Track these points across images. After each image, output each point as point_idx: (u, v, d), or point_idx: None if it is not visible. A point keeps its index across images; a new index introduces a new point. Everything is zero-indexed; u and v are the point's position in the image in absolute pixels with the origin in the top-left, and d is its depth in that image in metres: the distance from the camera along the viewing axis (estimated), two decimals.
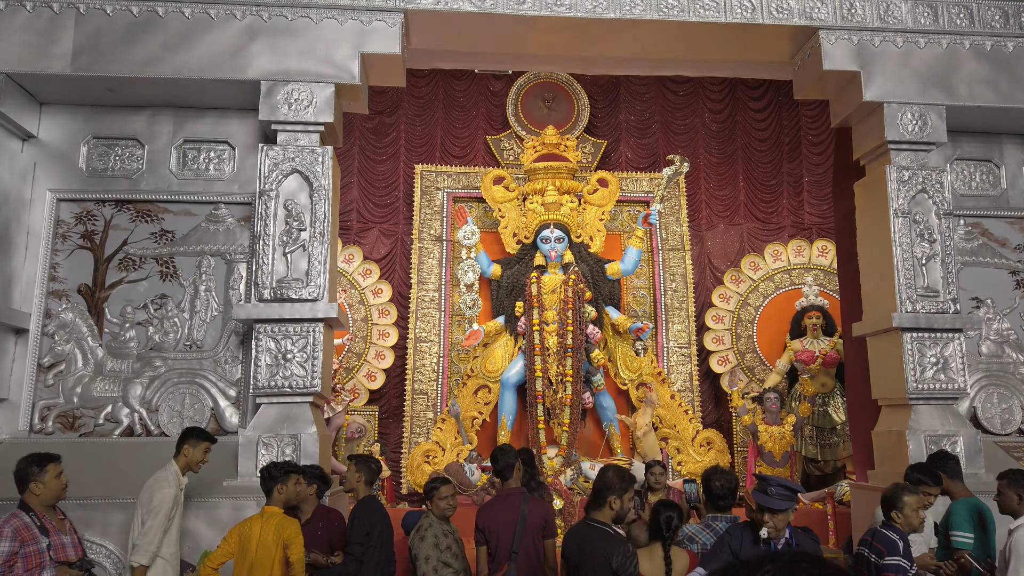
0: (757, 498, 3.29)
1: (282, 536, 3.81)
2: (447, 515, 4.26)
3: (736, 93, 10.04)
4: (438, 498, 4.20)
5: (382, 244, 9.46)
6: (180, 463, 4.35)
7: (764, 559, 0.92)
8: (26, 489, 3.64)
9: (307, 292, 5.10)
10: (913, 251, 5.52)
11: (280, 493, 3.96)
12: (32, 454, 3.74)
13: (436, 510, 4.19)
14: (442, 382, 8.97)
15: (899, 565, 3.52)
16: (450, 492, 4.24)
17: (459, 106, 9.84)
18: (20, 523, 3.52)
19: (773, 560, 0.91)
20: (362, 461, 4.36)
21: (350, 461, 4.40)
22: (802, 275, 9.22)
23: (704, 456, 8.56)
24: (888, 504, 3.75)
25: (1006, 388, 5.98)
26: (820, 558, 0.93)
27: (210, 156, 5.81)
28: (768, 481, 3.39)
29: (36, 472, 3.64)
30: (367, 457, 4.45)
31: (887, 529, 3.67)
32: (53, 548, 3.55)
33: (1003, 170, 6.33)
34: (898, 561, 3.52)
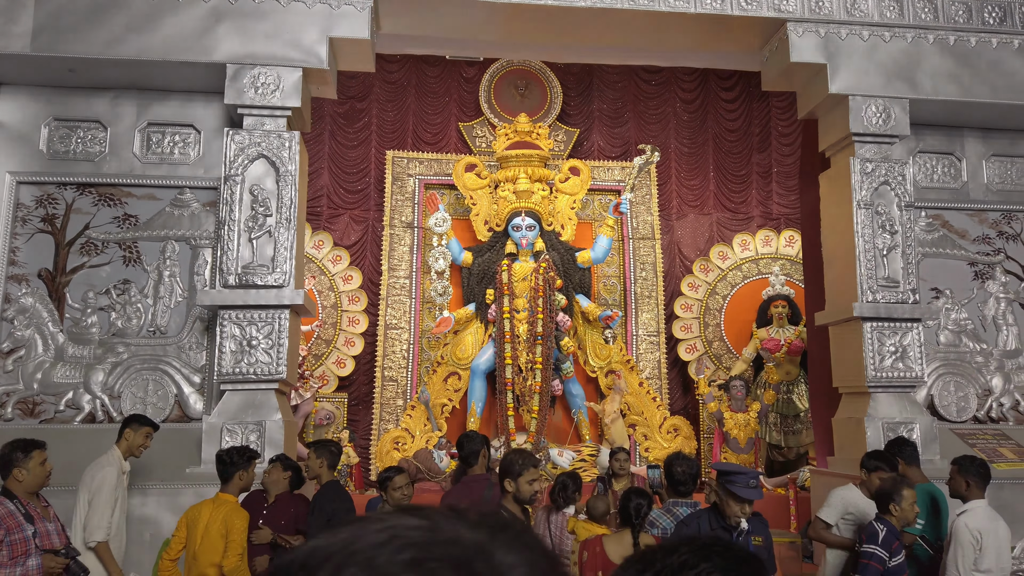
0: (741, 492, 3.23)
1: (226, 528, 3.72)
2: (402, 504, 4.27)
3: (708, 83, 10.10)
4: (392, 488, 4.19)
5: (353, 230, 9.40)
6: (122, 448, 4.28)
7: (680, 543, 0.95)
8: (9, 475, 3.53)
9: (273, 278, 5.07)
10: (875, 242, 5.62)
11: (240, 480, 3.92)
12: (18, 439, 3.64)
13: (391, 500, 4.19)
14: (412, 369, 8.96)
15: (873, 553, 3.54)
16: (404, 481, 4.24)
17: (431, 92, 9.78)
18: (5, 510, 3.44)
19: (689, 543, 0.94)
20: (322, 446, 4.34)
21: (310, 448, 4.38)
22: (769, 265, 9.34)
23: (671, 442, 8.66)
24: (885, 498, 3.75)
25: (963, 377, 6.13)
26: (731, 542, 0.96)
27: (175, 140, 5.72)
28: (746, 474, 3.37)
29: (20, 458, 3.54)
30: (327, 442, 4.42)
31: (877, 521, 3.69)
32: (38, 535, 3.47)
33: (964, 163, 6.46)
34: (873, 549, 3.55)
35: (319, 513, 4.19)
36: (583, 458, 8.32)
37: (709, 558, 0.88)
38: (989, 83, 5.96)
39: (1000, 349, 6.23)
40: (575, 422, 8.72)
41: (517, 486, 3.40)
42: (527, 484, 3.40)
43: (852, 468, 5.44)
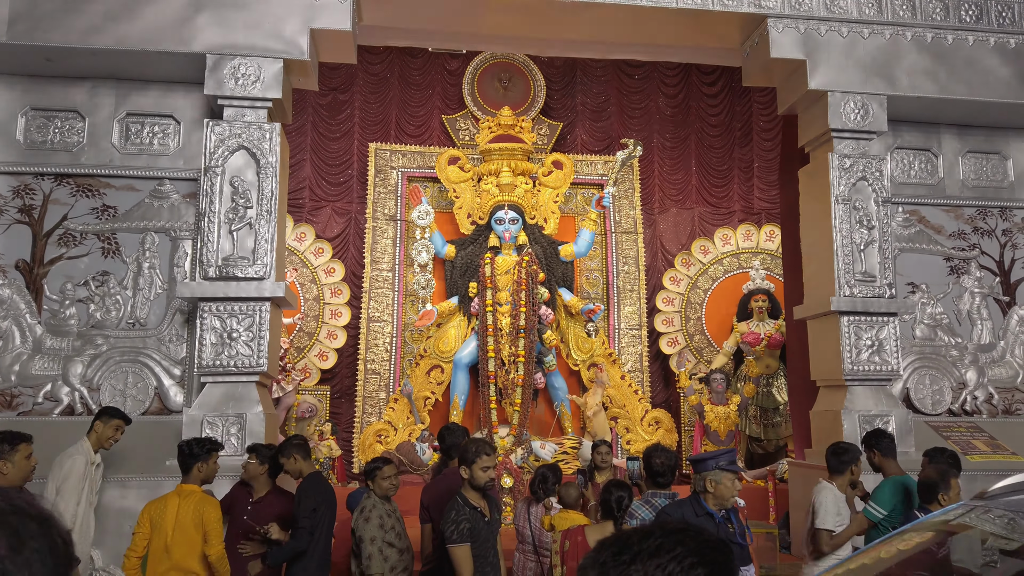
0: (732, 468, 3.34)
1: (201, 519, 3.69)
2: (389, 495, 4.29)
3: (691, 78, 10.15)
4: (381, 478, 4.21)
5: (335, 223, 9.37)
6: (91, 440, 4.28)
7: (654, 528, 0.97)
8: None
9: (253, 270, 5.05)
10: (852, 237, 5.68)
11: (200, 471, 3.84)
12: (4, 431, 3.59)
13: (379, 490, 4.20)
14: (395, 362, 8.96)
15: None
16: (392, 472, 4.26)
17: (415, 84, 9.76)
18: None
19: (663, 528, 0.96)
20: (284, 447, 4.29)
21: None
22: (750, 259, 9.41)
23: (652, 435, 8.73)
24: (932, 488, 3.81)
25: (938, 370, 6.22)
26: (701, 528, 0.98)
27: (154, 130, 5.68)
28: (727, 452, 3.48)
29: (6, 450, 3.49)
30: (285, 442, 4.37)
31: (920, 511, 3.77)
32: None
33: (941, 159, 6.54)
34: None
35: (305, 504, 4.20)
36: (565, 451, 8.37)
37: (683, 542, 0.90)
38: (965, 80, 6.04)
39: (975, 343, 6.33)
40: (557, 415, 8.77)
41: (471, 472, 3.51)
42: (481, 471, 3.52)
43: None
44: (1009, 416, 6.25)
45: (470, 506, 3.49)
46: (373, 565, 3.96)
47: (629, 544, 0.95)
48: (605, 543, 0.97)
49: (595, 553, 0.98)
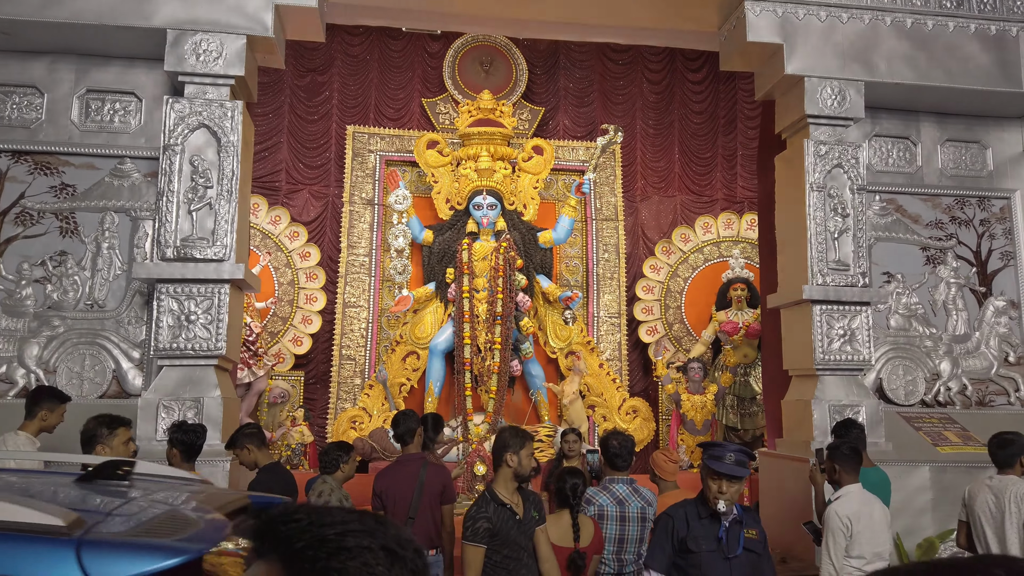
0: (714, 465, 2.93)
1: None
2: (351, 478, 4.22)
3: (675, 64, 10.03)
4: (352, 461, 4.15)
5: (312, 206, 9.24)
6: (32, 428, 3.99)
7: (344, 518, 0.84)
8: (91, 451, 3.35)
9: (213, 252, 4.94)
10: (826, 225, 5.60)
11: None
12: (103, 414, 3.48)
13: (344, 473, 4.13)
14: (370, 348, 8.87)
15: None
16: (354, 457, 4.19)
17: (395, 66, 9.61)
18: None
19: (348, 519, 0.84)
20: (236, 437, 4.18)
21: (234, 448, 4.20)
22: (730, 248, 9.34)
23: (630, 424, 8.67)
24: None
25: (911, 360, 6.16)
26: (384, 519, 0.86)
27: (115, 107, 5.54)
28: (724, 447, 3.06)
29: (104, 434, 3.38)
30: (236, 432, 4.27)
31: None
32: None
33: (919, 148, 6.46)
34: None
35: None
36: (540, 439, 8.30)
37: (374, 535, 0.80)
38: (945, 67, 5.94)
39: (949, 334, 6.27)
40: (533, 403, 8.70)
41: (519, 459, 3.27)
42: (528, 457, 3.33)
43: (800, 450, 5.47)
44: (982, 408, 6.20)
45: (498, 502, 3.21)
46: None
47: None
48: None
49: None
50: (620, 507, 3.71)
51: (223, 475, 4.55)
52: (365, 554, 0.76)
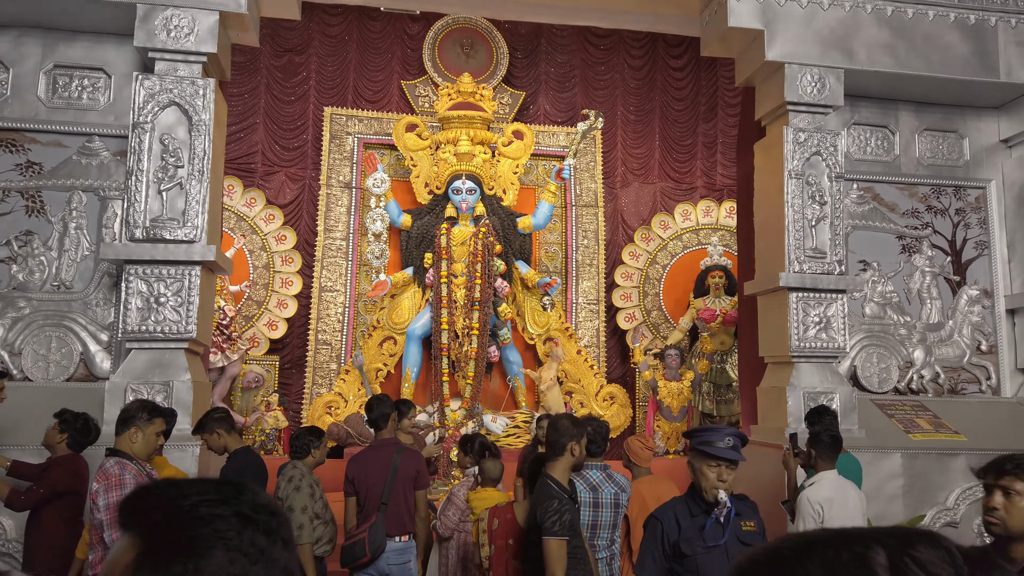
0: (710, 450, 2.69)
1: None
2: (322, 464, 4.16)
3: (656, 50, 9.98)
4: (323, 447, 4.09)
5: (288, 189, 9.11)
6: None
7: None
8: (126, 430, 3.27)
9: (183, 233, 4.83)
10: (804, 212, 5.60)
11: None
12: (150, 401, 3.43)
13: (315, 459, 4.07)
14: (347, 333, 8.79)
15: None
16: (327, 441, 4.14)
17: (373, 48, 9.47)
18: (136, 469, 3.19)
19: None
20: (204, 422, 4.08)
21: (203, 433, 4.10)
22: (709, 235, 9.34)
23: (607, 410, 8.69)
24: None
25: (885, 348, 6.20)
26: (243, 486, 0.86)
27: (83, 84, 5.39)
28: (719, 430, 2.82)
29: (143, 420, 3.29)
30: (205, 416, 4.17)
31: None
32: None
33: (897, 136, 6.47)
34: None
35: None
36: (517, 424, 8.30)
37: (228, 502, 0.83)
38: (924, 56, 5.95)
39: (923, 322, 6.32)
40: (511, 388, 8.68)
41: (579, 450, 3.22)
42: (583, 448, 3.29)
43: (775, 437, 5.49)
44: (954, 395, 6.26)
45: (566, 492, 3.16)
46: (304, 535, 3.84)
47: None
48: None
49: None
50: (593, 493, 3.69)
51: (192, 460, 4.48)
52: (217, 521, 0.79)
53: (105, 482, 3.10)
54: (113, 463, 3.17)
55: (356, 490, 3.85)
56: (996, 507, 2.20)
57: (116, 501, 3.05)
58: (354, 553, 3.68)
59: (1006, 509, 2.18)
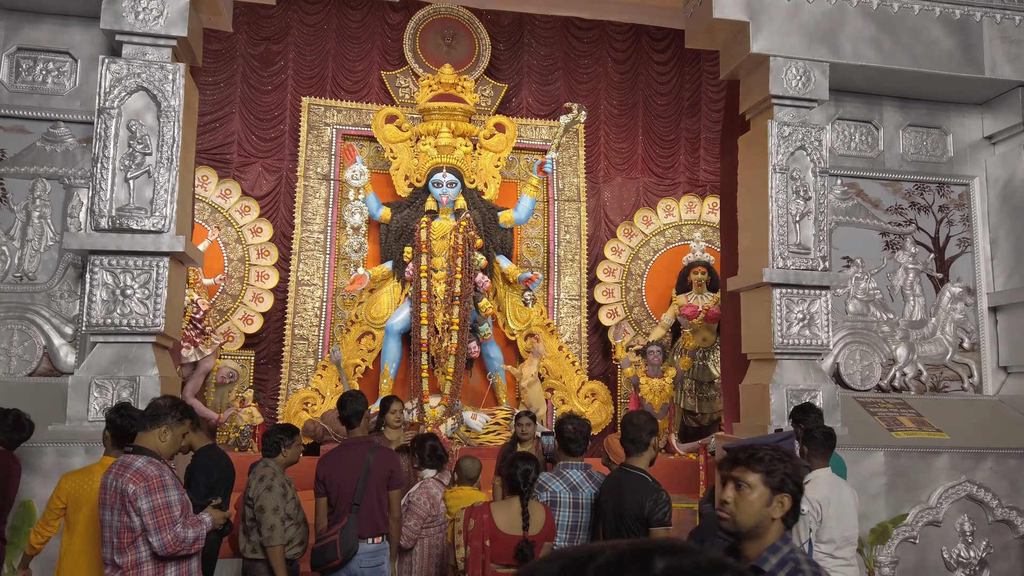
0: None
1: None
2: (295, 463, 4.02)
3: (640, 44, 9.88)
4: (296, 445, 3.95)
5: (265, 180, 8.92)
6: None
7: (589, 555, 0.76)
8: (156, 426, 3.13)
9: (151, 223, 4.66)
10: (788, 208, 5.52)
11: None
12: (182, 401, 3.29)
13: (292, 457, 3.93)
14: (324, 327, 8.63)
15: None
16: (301, 439, 3.99)
17: (353, 37, 9.29)
18: (168, 470, 3.05)
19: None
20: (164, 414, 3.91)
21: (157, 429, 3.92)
22: (692, 231, 9.28)
23: (589, 407, 8.61)
24: None
25: (868, 345, 6.15)
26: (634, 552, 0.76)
27: (48, 68, 5.20)
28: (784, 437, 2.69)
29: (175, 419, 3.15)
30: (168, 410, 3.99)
31: None
32: None
33: (881, 132, 6.42)
34: None
35: (197, 482, 3.89)
36: (497, 421, 8.18)
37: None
38: (909, 51, 5.89)
39: (906, 319, 6.27)
40: (491, 384, 8.56)
41: (658, 441, 3.48)
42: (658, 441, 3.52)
43: (757, 434, 5.41)
44: (937, 393, 6.23)
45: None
46: (275, 536, 3.70)
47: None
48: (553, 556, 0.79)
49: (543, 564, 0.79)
50: (574, 493, 3.58)
51: None
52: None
53: (145, 484, 2.94)
54: (146, 463, 3.01)
55: (327, 490, 3.71)
56: (727, 500, 1.98)
57: (162, 504, 2.94)
58: (325, 556, 3.55)
59: (736, 503, 1.97)
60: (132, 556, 2.95)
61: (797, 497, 2.01)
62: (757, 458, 1.99)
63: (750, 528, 1.97)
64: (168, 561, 3.00)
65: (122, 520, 2.95)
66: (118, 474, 3.00)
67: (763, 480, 1.97)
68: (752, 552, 1.98)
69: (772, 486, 1.97)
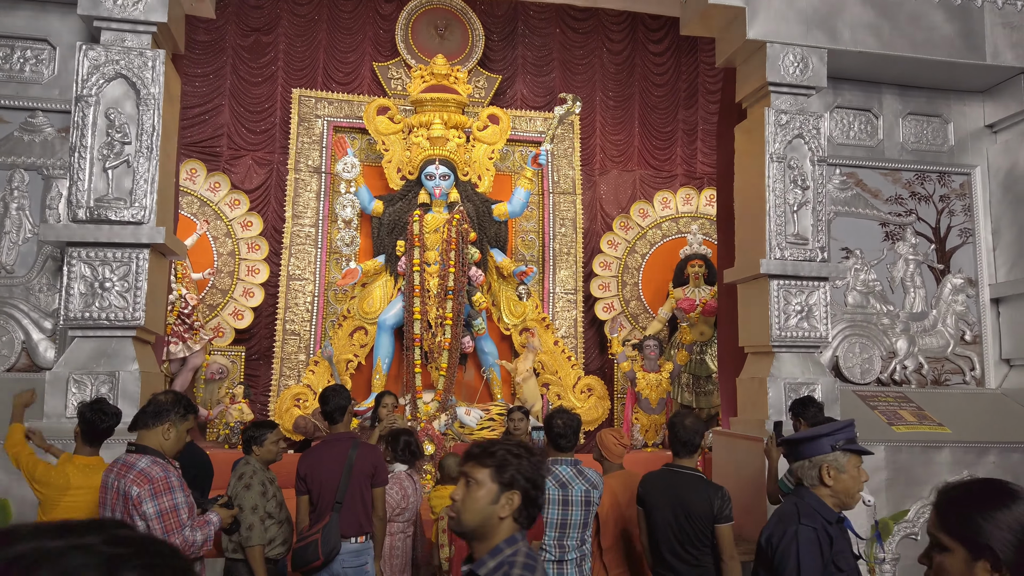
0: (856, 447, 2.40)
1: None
2: (277, 459, 3.90)
3: (636, 33, 9.74)
4: (270, 443, 3.82)
5: (255, 174, 8.79)
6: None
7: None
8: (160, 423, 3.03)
9: (130, 213, 4.53)
10: (786, 197, 5.40)
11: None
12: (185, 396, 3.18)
13: (266, 455, 3.81)
14: (316, 323, 8.50)
15: None
16: (279, 436, 3.87)
17: (344, 28, 9.15)
18: (174, 471, 2.94)
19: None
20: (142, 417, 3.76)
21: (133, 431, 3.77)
22: (689, 224, 9.15)
23: (585, 402, 8.49)
24: None
25: (868, 338, 6.03)
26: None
27: (25, 55, 5.07)
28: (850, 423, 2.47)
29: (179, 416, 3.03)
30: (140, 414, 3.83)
31: None
32: None
33: (881, 120, 6.29)
34: None
35: None
36: (492, 417, 8.06)
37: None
38: (909, 37, 5.76)
39: (907, 311, 6.15)
40: (485, 380, 8.44)
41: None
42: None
43: (755, 429, 5.30)
44: (938, 386, 6.11)
45: None
46: (254, 536, 3.58)
47: None
48: None
49: None
50: (563, 490, 3.46)
51: None
52: None
53: (151, 486, 2.81)
54: (150, 463, 2.88)
55: (308, 488, 3.59)
56: (454, 498, 1.82)
57: (169, 507, 2.81)
58: (306, 556, 3.42)
59: (463, 500, 1.80)
60: None
61: (531, 495, 1.83)
62: (489, 452, 1.84)
63: (474, 528, 1.79)
64: None
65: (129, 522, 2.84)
66: (120, 474, 2.87)
67: (492, 476, 1.80)
68: (481, 552, 1.80)
69: (501, 482, 1.80)
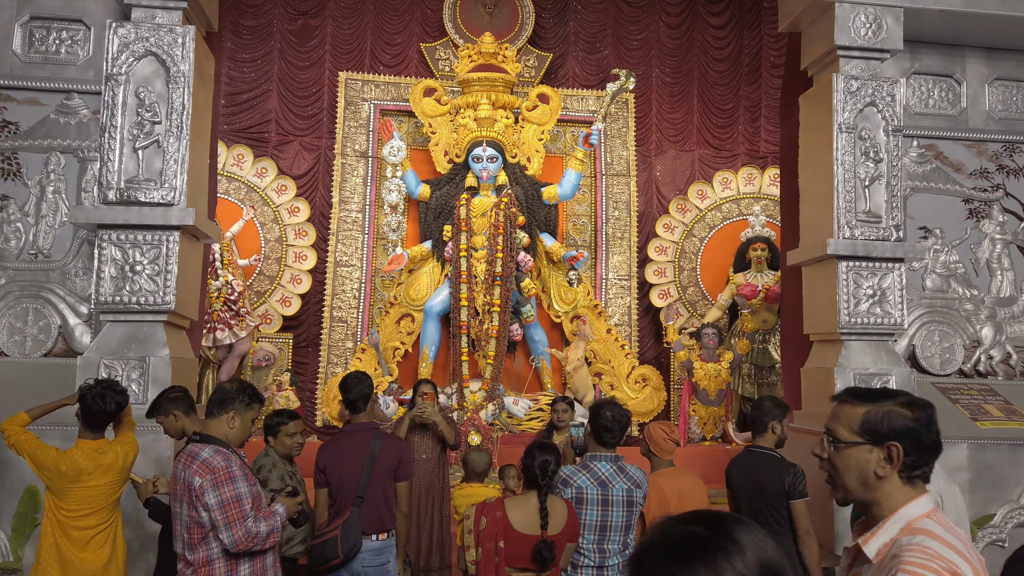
0: None
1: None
2: (293, 455, 3.71)
3: (695, 6, 9.26)
4: (285, 435, 3.63)
5: (303, 159, 8.70)
6: None
7: None
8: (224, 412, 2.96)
9: (160, 195, 4.41)
10: (856, 171, 4.94)
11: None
12: (251, 385, 3.16)
13: (281, 448, 3.63)
14: (363, 310, 8.37)
15: None
16: (299, 428, 3.68)
17: (392, 9, 8.96)
18: (238, 460, 2.87)
19: None
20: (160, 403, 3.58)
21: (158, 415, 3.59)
22: (751, 205, 8.65)
23: (639, 393, 8.14)
24: None
25: (949, 326, 5.51)
26: None
27: (61, 37, 5.02)
28: None
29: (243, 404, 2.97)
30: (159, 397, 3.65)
31: None
32: None
33: (964, 87, 5.74)
34: None
35: None
36: (540, 407, 7.78)
37: None
38: None
39: (992, 296, 5.60)
40: (534, 368, 8.17)
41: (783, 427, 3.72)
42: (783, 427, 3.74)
43: (820, 423, 4.88)
44: None
45: None
46: None
47: None
48: None
49: None
50: (602, 489, 3.15)
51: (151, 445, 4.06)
52: None
53: (212, 476, 2.70)
54: (212, 453, 2.78)
55: (328, 480, 3.39)
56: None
57: (231, 497, 2.70)
58: (325, 554, 3.22)
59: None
60: (203, 553, 2.72)
61: None
62: None
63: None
64: (241, 557, 2.75)
65: (191, 515, 2.72)
66: (186, 465, 2.78)
67: None
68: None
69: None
